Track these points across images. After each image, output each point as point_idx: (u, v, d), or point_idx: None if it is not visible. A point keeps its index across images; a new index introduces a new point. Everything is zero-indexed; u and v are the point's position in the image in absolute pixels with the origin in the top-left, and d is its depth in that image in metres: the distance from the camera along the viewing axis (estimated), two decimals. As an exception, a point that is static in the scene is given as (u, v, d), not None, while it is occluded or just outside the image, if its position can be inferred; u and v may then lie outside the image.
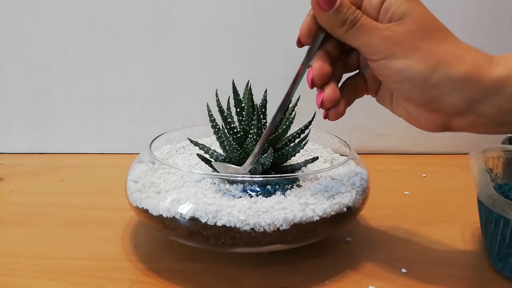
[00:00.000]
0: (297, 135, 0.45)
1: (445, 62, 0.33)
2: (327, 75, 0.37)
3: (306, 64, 0.37)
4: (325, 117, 0.38)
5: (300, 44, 0.38)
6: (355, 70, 0.40)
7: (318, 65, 0.36)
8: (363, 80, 0.39)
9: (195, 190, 0.41)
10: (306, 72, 0.37)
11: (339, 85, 0.39)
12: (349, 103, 0.39)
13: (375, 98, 0.40)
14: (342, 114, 0.38)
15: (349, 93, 0.39)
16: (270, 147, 0.41)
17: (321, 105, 0.37)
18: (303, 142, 0.45)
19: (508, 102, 0.33)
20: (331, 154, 0.52)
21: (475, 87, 0.33)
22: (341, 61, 0.39)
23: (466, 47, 0.34)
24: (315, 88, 0.38)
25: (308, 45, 0.37)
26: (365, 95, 0.40)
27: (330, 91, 0.37)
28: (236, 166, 0.42)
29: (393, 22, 0.34)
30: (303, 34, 0.37)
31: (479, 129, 0.36)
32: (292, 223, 0.38)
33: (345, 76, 0.40)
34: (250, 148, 0.43)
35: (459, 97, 0.34)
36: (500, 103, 0.33)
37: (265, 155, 0.41)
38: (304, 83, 0.38)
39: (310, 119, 0.45)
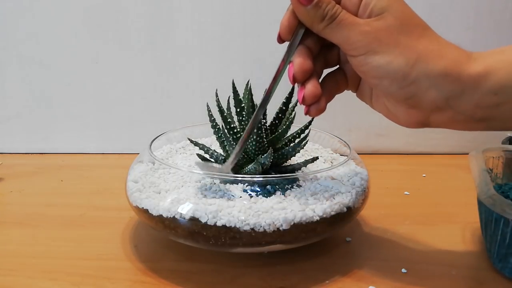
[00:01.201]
0: (297, 135, 0.45)
1: (423, 58, 0.33)
2: (309, 71, 0.36)
3: (286, 60, 0.37)
4: (306, 113, 0.38)
5: (280, 40, 0.38)
6: (336, 65, 0.40)
7: (299, 61, 0.36)
8: (343, 75, 0.39)
9: (195, 190, 0.41)
10: (286, 69, 0.37)
11: (320, 80, 0.38)
12: (329, 98, 0.39)
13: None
14: (323, 110, 0.38)
15: (329, 89, 0.39)
16: (270, 147, 0.41)
17: (303, 101, 0.37)
18: (303, 142, 0.45)
19: (486, 98, 0.33)
20: (331, 154, 0.52)
21: (453, 83, 0.33)
22: (321, 57, 0.38)
23: (445, 43, 0.34)
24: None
25: (288, 40, 0.37)
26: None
27: (312, 87, 0.36)
28: (218, 165, 0.42)
29: (372, 18, 0.34)
30: (283, 29, 0.37)
31: (457, 125, 0.36)
32: (292, 223, 0.38)
33: (325, 72, 0.40)
34: (250, 148, 0.43)
35: (437, 93, 0.34)
36: (478, 99, 0.33)
37: (265, 155, 0.41)
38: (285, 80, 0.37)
39: (310, 119, 0.45)
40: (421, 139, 0.72)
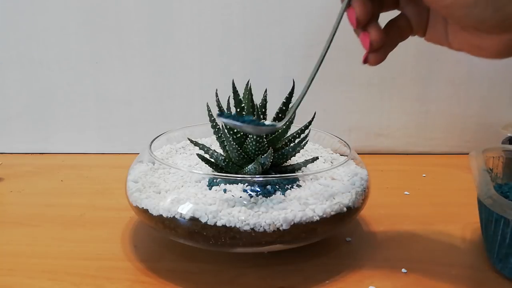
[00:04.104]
0: (297, 135, 0.45)
1: None
2: (369, 12, 0.34)
3: (344, 7, 0.35)
4: (364, 62, 0.36)
5: None
6: (392, 9, 0.37)
7: (360, 3, 0.34)
8: (405, 21, 0.36)
9: (195, 190, 0.41)
10: (343, 15, 0.35)
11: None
12: (391, 48, 0.37)
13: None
14: (383, 59, 0.36)
15: (392, 37, 0.36)
16: (270, 147, 0.41)
17: (370, 47, 0.35)
18: (303, 142, 0.45)
19: None
20: (331, 154, 0.52)
21: None
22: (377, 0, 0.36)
23: None
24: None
25: None
26: (366, 93, 0.39)
27: (376, 31, 0.34)
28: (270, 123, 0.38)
29: None
30: None
31: None
32: (292, 223, 0.38)
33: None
34: (250, 148, 0.42)
35: None
36: None
37: (265, 155, 0.41)
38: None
39: (310, 119, 0.45)
40: (421, 139, 0.73)
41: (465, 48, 0.34)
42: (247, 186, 0.40)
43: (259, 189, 0.40)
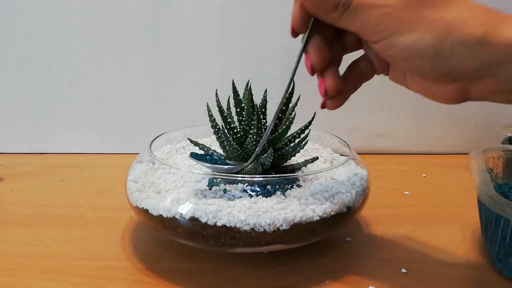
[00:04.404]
0: (297, 135, 0.45)
1: (455, 28, 0.30)
2: (326, 60, 0.34)
3: (301, 51, 0.35)
4: (322, 107, 0.36)
5: (294, 33, 0.35)
6: (356, 49, 0.37)
7: (316, 50, 0.34)
8: (367, 61, 0.37)
9: (195, 190, 0.41)
10: (300, 60, 0.35)
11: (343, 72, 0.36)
12: (353, 90, 0.37)
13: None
14: (342, 103, 0.36)
15: (353, 80, 0.37)
16: (270, 147, 0.41)
17: (325, 93, 0.35)
18: (303, 142, 0.45)
19: None
20: (331, 154, 0.52)
21: (493, 51, 0.30)
22: (337, 42, 0.36)
23: (477, 7, 0.31)
24: (315, 87, 0.37)
25: (303, 33, 0.35)
26: (366, 93, 0.39)
27: (332, 77, 0.35)
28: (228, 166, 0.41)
29: None
30: (296, 22, 0.34)
31: (502, 97, 0.32)
32: (292, 223, 0.38)
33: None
34: (250, 148, 0.42)
35: (477, 63, 0.31)
36: None
37: (265, 155, 0.41)
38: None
39: (310, 119, 0.45)
40: (421, 139, 0.73)
41: (420, 91, 0.35)
42: (247, 186, 0.40)
43: (259, 189, 0.40)
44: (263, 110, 0.45)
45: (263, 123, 0.43)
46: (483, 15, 0.31)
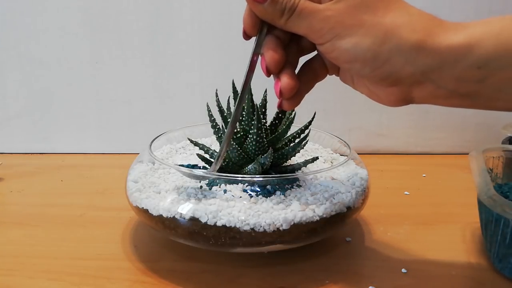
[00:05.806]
0: (297, 135, 0.45)
1: (393, 33, 0.31)
2: (281, 61, 0.35)
3: (257, 53, 0.36)
4: (279, 107, 0.37)
5: (246, 36, 0.36)
6: (312, 51, 0.37)
7: (270, 52, 0.35)
8: (321, 62, 0.37)
9: (195, 190, 0.41)
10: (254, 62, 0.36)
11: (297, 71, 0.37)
12: (308, 89, 0.38)
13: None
14: (298, 103, 0.36)
15: (307, 79, 0.37)
16: (270, 147, 0.41)
17: (280, 94, 0.35)
18: (303, 142, 0.45)
19: (469, 72, 0.31)
20: (331, 154, 0.52)
21: (429, 57, 0.31)
22: (294, 45, 0.37)
23: (417, 12, 0.32)
24: (315, 87, 0.37)
25: (255, 36, 0.36)
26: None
27: (287, 78, 0.35)
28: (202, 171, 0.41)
29: (333, 0, 0.32)
30: (247, 26, 0.35)
31: (441, 101, 0.33)
32: (292, 223, 0.38)
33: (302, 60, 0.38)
34: (250, 148, 0.43)
35: (414, 68, 0.32)
36: (460, 73, 0.31)
37: (265, 155, 0.41)
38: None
39: (310, 119, 0.45)
40: (421, 139, 0.73)
41: (365, 92, 0.36)
42: (247, 186, 0.40)
43: (259, 189, 0.40)
44: (263, 110, 0.45)
45: (263, 123, 0.43)
46: (422, 21, 0.32)
